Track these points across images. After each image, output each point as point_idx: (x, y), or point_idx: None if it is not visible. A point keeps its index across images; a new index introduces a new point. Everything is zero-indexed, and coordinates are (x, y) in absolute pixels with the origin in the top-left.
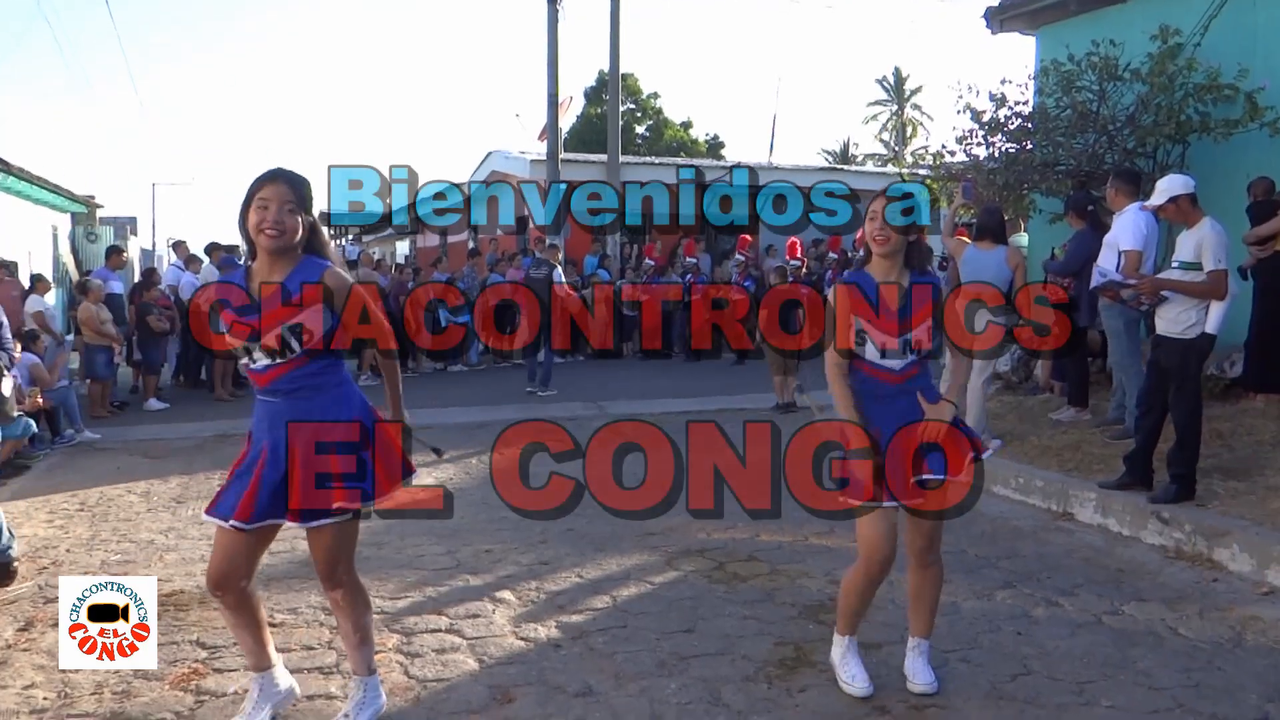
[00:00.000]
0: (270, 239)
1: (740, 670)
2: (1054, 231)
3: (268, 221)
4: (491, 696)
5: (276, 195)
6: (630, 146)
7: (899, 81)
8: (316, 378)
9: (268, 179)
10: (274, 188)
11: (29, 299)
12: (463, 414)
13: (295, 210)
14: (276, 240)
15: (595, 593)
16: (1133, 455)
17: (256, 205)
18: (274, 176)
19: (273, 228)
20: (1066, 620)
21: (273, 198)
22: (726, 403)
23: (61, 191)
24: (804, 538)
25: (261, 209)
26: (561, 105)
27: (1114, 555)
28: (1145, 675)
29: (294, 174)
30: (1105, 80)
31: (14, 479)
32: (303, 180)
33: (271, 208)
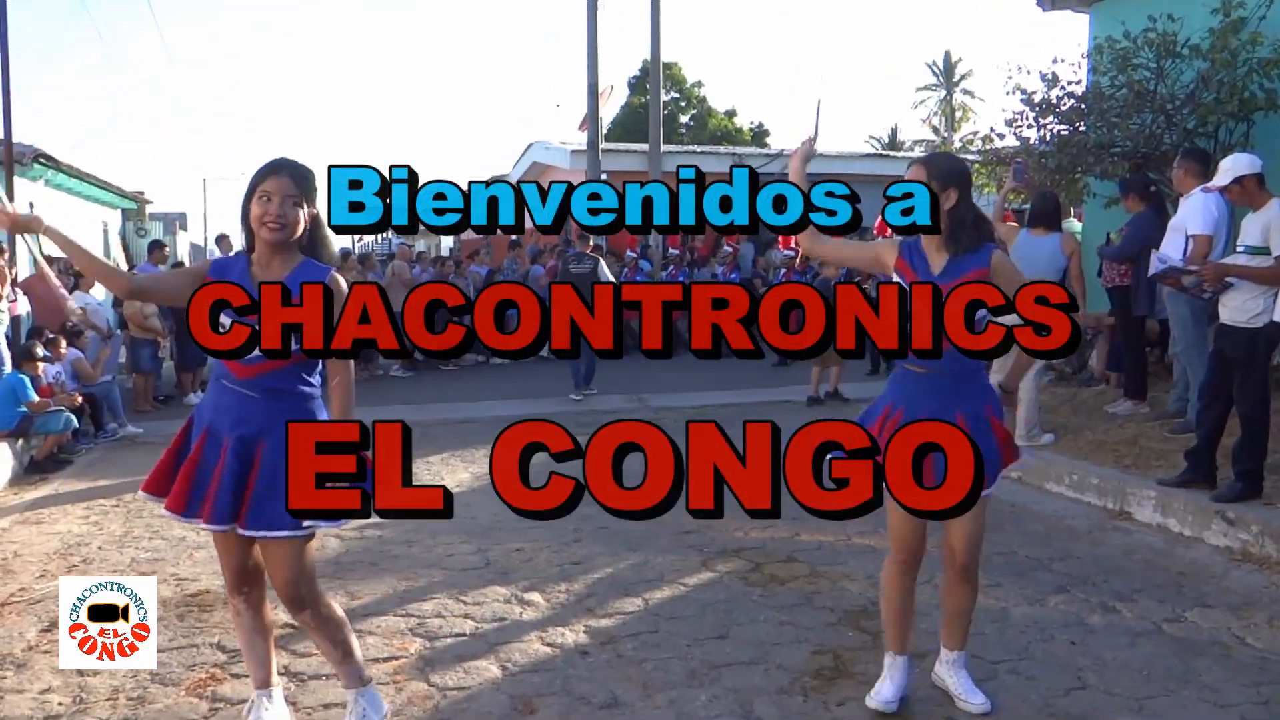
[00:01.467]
0: (272, 232)
1: (775, 681)
2: (1108, 217)
3: (270, 215)
4: (513, 707)
5: (279, 188)
6: (674, 136)
7: (948, 65)
8: (300, 383)
9: (270, 170)
10: (277, 180)
11: (73, 295)
12: (500, 408)
13: (299, 203)
14: (278, 234)
15: (626, 595)
16: (1195, 451)
17: (259, 197)
18: (277, 168)
19: (275, 221)
20: (1124, 628)
21: (275, 190)
22: (763, 395)
23: (111, 188)
24: (846, 537)
25: (264, 201)
26: (602, 95)
27: (1175, 558)
28: (1211, 690)
29: (298, 165)
30: (1163, 57)
31: (55, 474)
32: (307, 172)
33: (274, 200)
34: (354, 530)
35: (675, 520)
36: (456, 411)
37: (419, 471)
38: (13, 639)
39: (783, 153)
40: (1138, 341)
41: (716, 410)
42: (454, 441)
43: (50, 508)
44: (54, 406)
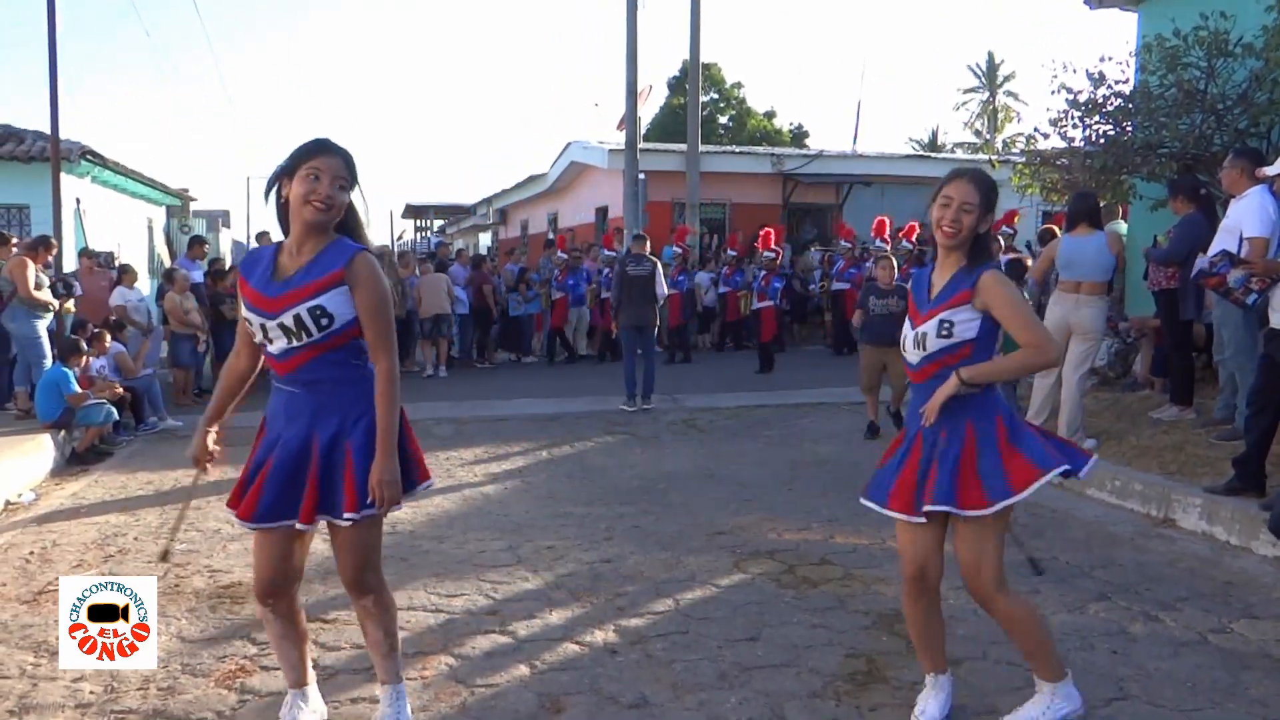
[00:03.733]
0: (317, 211)
1: (806, 685)
2: (1154, 219)
3: (319, 194)
4: (540, 705)
5: (329, 168)
6: (713, 137)
7: (991, 67)
8: (339, 368)
9: (319, 149)
10: (327, 159)
11: (114, 290)
12: (533, 405)
13: (346, 187)
14: (323, 214)
15: (657, 595)
16: (1243, 458)
17: (306, 174)
18: (326, 148)
19: (322, 201)
20: (1168, 638)
21: (325, 169)
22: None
23: (156, 185)
24: (881, 540)
25: (312, 180)
26: (640, 94)
27: (1221, 567)
28: (1260, 704)
29: (343, 148)
30: (1214, 56)
31: (96, 465)
32: (351, 156)
33: (324, 180)
34: (386, 526)
35: (708, 520)
36: (492, 409)
37: (453, 468)
38: (48, 627)
39: (822, 153)
40: (1184, 346)
41: (751, 412)
42: (489, 438)
43: (89, 499)
44: (94, 399)
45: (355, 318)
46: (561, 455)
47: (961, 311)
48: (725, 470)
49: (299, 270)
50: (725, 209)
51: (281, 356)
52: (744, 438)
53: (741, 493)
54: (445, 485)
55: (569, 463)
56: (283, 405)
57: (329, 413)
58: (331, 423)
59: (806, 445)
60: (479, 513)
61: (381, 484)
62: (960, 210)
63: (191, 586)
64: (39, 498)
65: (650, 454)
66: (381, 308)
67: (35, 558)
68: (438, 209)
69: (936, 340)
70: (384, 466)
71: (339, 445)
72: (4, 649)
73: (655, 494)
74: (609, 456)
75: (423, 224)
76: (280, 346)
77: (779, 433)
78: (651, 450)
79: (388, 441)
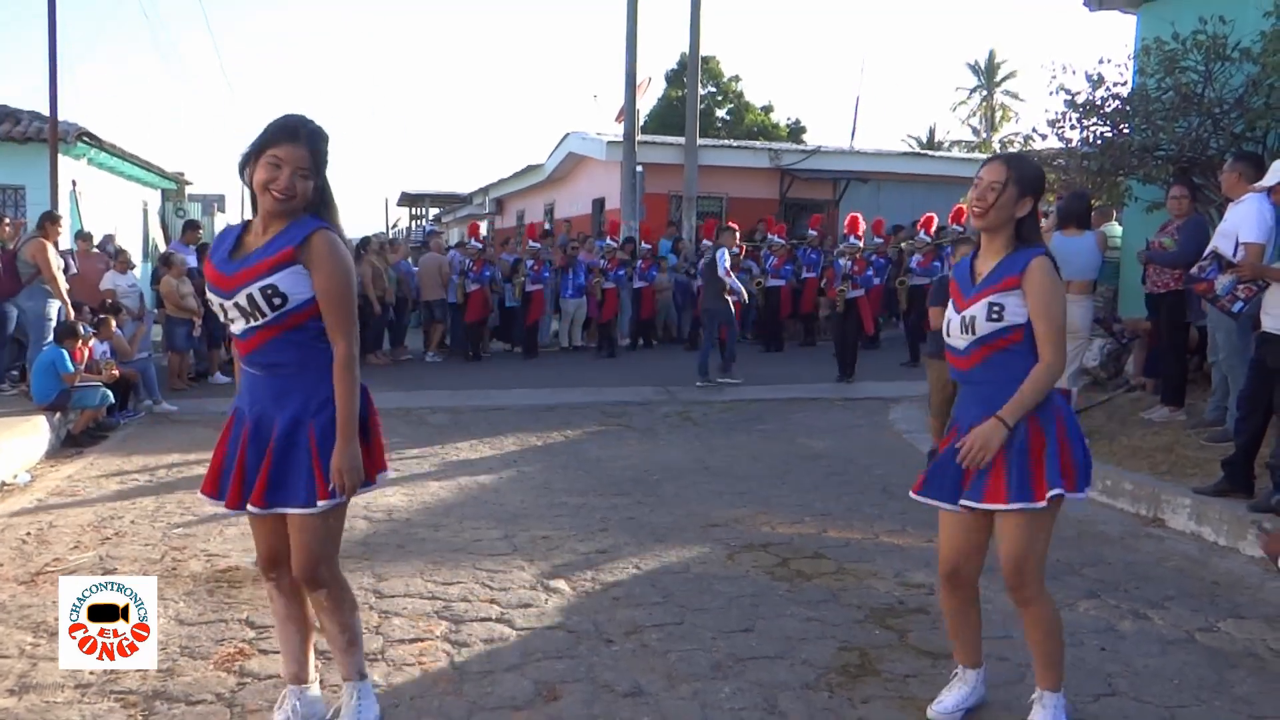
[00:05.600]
0: (276, 201)
1: (799, 676)
2: (1149, 221)
3: (278, 185)
4: (537, 692)
5: (291, 158)
6: (711, 130)
7: (990, 65)
8: (300, 350)
9: (285, 136)
10: (291, 149)
11: (106, 275)
12: (529, 396)
13: (308, 176)
14: (283, 204)
15: (652, 586)
16: (1232, 460)
17: (267, 161)
18: (293, 135)
19: (281, 192)
20: (1156, 636)
21: (287, 159)
22: (793, 392)
23: (152, 168)
24: (874, 535)
25: (272, 168)
26: (640, 86)
27: (1209, 566)
28: (1244, 702)
29: (314, 131)
30: (1212, 60)
31: (91, 448)
32: (322, 139)
33: (284, 170)
34: (382, 513)
35: (703, 513)
36: (489, 399)
37: (448, 456)
38: (46, 608)
39: (819, 149)
40: (1180, 348)
41: (748, 406)
42: (485, 428)
43: (85, 481)
44: (90, 381)
45: (313, 297)
46: (557, 446)
47: (1012, 295)
48: (720, 463)
49: (257, 249)
50: (722, 202)
51: (242, 336)
52: (738, 431)
53: (736, 485)
54: (441, 474)
55: (565, 453)
56: (247, 387)
57: (290, 397)
58: (291, 407)
59: (800, 439)
60: (475, 501)
61: (341, 470)
62: (987, 189)
63: (189, 570)
64: (34, 479)
65: (645, 446)
66: (339, 288)
67: (32, 539)
68: (433, 198)
69: (986, 324)
70: (344, 452)
71: (300, 429)
72: (3, 629)
73: (650, 485)
74: (604, 448)
75: (418, 212)
76: (240, 326)
77: (773, 426)
78: (647, 442)
79: (348, 426)
